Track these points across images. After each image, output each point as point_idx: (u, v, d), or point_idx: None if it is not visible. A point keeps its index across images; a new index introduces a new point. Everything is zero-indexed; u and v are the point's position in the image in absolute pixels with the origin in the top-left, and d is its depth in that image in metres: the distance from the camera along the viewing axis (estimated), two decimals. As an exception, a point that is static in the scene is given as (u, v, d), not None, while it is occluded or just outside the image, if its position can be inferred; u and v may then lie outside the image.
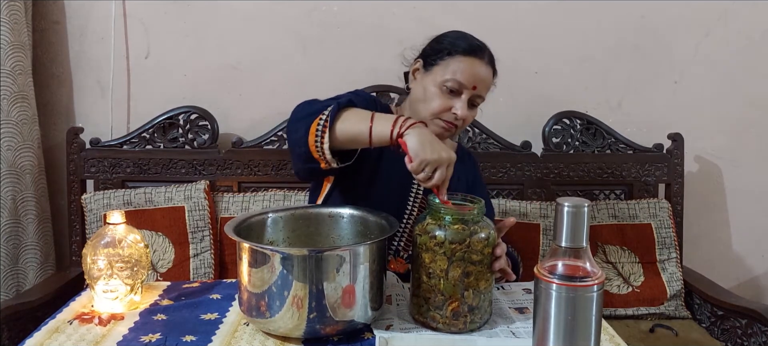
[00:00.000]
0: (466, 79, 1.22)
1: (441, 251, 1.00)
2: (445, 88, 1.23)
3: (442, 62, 1.24)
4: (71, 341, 1.00)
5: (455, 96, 1.24)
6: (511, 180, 1.91)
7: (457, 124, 1.25)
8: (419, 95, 1.28)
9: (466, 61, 1.23)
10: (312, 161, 1.11)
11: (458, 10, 1.94)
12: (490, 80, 1.27)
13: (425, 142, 1.03)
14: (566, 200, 0.82)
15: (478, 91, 1.25)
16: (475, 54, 1.24)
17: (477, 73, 1.23)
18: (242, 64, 1.96)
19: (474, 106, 1.28)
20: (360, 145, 1.11)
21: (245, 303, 1.00)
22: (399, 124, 1.05)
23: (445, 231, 1.00)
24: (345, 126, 1.08)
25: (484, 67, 1.24)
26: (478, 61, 1.24)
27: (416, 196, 1.32)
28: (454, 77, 1.22)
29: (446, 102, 1.24)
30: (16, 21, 1.75)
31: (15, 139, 1.77)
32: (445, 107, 1.24)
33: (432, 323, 1.03)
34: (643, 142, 1.95)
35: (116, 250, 1.11)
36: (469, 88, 1.23)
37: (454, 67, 1.23)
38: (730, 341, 1.68)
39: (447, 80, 1.23)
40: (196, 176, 1.85)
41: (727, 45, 2.01)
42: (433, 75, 1.25)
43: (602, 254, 1.82)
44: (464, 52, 1.23)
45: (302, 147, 1.10)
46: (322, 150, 1.08)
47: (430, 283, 1.02)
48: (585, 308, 0.82)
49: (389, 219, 1.09)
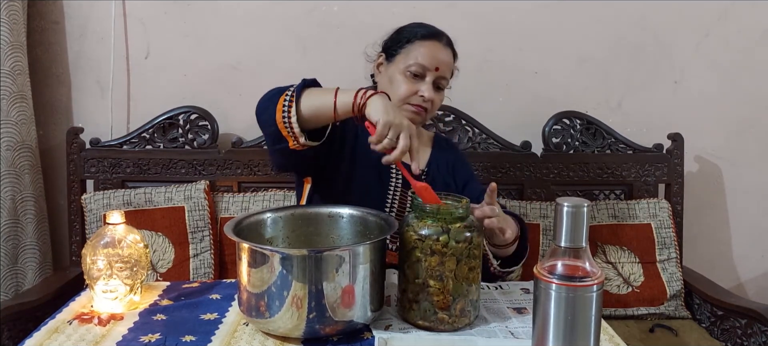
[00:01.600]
0: (428, 62, 1.29)
1: (426, 249, 1.00)
2: (409, 73, 1.30)
3: (403, 50, 1.32)
4: (71, 341, 1.00)
5: (420, 80, 1.31)
6: (511, 180, 1.91)
7: (425, 107, 1.31)
8: (385, 85, 1.34)
9: (425, 45, 1.30)
10: (281, 140, 1.12)
11: (458, 10, 1.94)
12: (451, 62, 1.34)
13: (388, 107, 1.06)
14: (566, 200, 0.82)
15: (441, 72, 1.31)
16: (434, 37, 1.31)
17: (437, 56, 1.30)
18: (242, 64, 1.96)
19: (440, 89, 1.34)
20: (326, 120, 1.13)
21: (245, 303, 1.00)
22: (361, 94, 1.09)
23: (429, 230, 1.00)
24: (310, 100, 1.12)
25: (444, 50, 1.32)
26: (438, 44, 1.31)
27: (395, 192, 1.34)
28: (417, 61, 1.30)
29: (412, 86, 1.30)
30: (15, 21, 1.75)
31: (14, 139, 1.77)
32: (411, 91, 1.30)
33: (420, 323, 1.03)
34: (643, 142, 1.95)
35: (116, 250, 1.11)
36: (432, 70, 1.30)
37: (416, 52, 1.30)
38: (730, 341, 1.68)
39: (410, 65, 1.29)
40: (196, 176, 1.85)
41: (727, 45, 2.01)
42: (396, 64, 1.32)
43: (602, 254, 1.82)
44: (423, 37, 1.31)
45: (271, 126, 1.12)
46: (290, 124, 1.10)
47: (416, 282, 1.02)
48: (584, 308, 0.82)
49: (388, 219, 1.09)
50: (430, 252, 1.00)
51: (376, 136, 1.04)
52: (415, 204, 1.04)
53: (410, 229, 1.03)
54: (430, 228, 1.01)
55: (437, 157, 1.41)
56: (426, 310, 1.02)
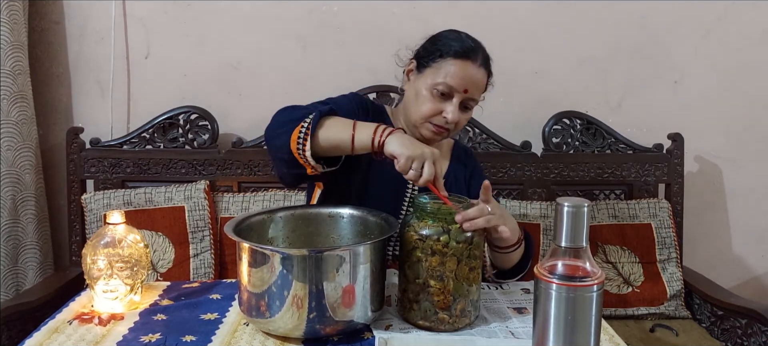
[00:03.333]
0: (456, 83, 1.21)
1: (427, 249, 1.00)
2: (436, 92, 1.22)
3: (434, 64, 1.23)
4: (71, 341, 1.00)
5: (446, 99, 1.23)
6: (511, 180, 1.91)
7: (448, 128, 1.25)
8: (411, 97, 1.28)
9: (457, 64, 1.21)
10: (297, 167, 1.11)
11: (458, 10, 1.94)
12: (482, 82, 1.25)
13: (405, 142, 1.05)
14: (566, 200, 0.82)
15: (470, 94, 1.23)
16: (468, 56, 1.21)
17: (468, 77, 1.21)
18: (242, 64, 1.96)
19: (467, 108, 1.26)
20: (343, 152, 1.12)
21: (245, 303, 1.00)
22: (379, 132, 1.07)
23: (429, 230, 1.01)
24: (327, 134, 1.09)
25: (476, 70, 1.22)
26: (470, 64, 1.21)
27: (411, 198, 1.31)
28: (445, 81, 1.21)
29: (437, 106, 1.23)
30: (15, 21, 1.75)
31: (15, 139, 1.77)
32: (435, 111, 1.23)
33: (420, 323, 1.03)
34: (643, 142, 1.95)
35: (116, 250, 1.11)
36: (461, 92, 1.22)
37: (446, 70, 1.21)
38: (730, 341, 1.68)
39: (438, 84, 1.21)
40: (196, 176, 1.85)
41: (727, 45, 2.01)
42: (425, 77, 1.24)
43: (602, 254, 1.82)
44: (456, 55, 1.21)
45: (285, 154, 1.10)
46: (306, 157, 1.08)
47: (416, 282, 1.02)
48: (585, 308, 0.82)
49: (389, 219, 1.09)
50: (431, 252, 1.00)
51: (400, 168, 1.05)
52: (415, 204, 1.05)
53: (411, 229, 1.03)
54: (430, 228, 1.01)
55: (455, 169, 1.38)
56: (426, 310, 1.02)
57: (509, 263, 1.24)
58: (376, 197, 1.26)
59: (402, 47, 1.33)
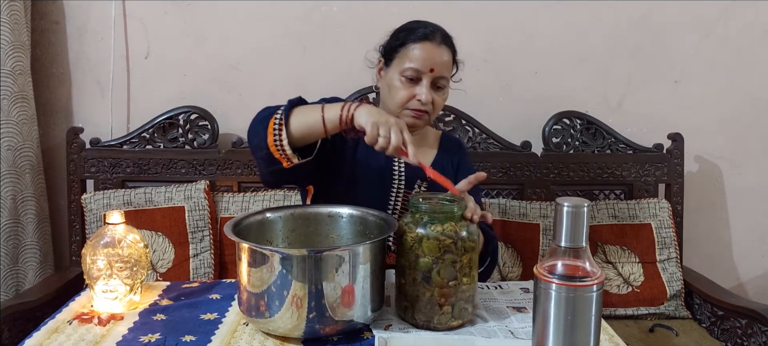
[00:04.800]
0: (421, 65, 1.27)
1: (423, 248, 1.01)
2: (406, 78, 1.28)
3: (399, 54, 1.30)
4: (71, 341, 1.00)
5: (416, 83, 1.28)
6: (511, 180, 1.91)
7: (426, 110, 1.29)
8: (385, 91, 1.33)
9: (419, 47, 1.27)
10: (275, 162, 1.15)
11: (458, 10, 1.94)
12: (447, 60, 1.30)
13: (372, 111, 1.10)
14: (566, 200, 0.82)
15: (438, 72, 1.28)
16: (427, 38, 1.28)
17: (431, 56, 1.27)
18: (242, 64, 1.96)
19: (439, 89, 1.31)
20: (317, 137, 1.16)
21: (245, 303, 1.00)
22: (347, 107, 1.12)
23: (425, 229, 1.01)
24: (299, 119, 1.13)
25: (438, 48, 1.28)
26: (430, 44, 1.27)
27: (397, 194, 1.33)
28: (411, 66, 1.27)
29: (409, 91, 1.28)
30: (16, 21, 1.75)
31: (15, 139, 1.77)
32: (409, 96, 1.29)
33: (418, 321, 1.04)
34: (643, 142, 1.95)
35: (116, 250, 1.11)
36: (427, 72, 1.27)
37: (410, 55, 1.28)
38: (730, 341, 1.68)
39: (405, 70, 1.28)
40: (196, 176, 1.85)
41: (727, 45, 2.01)
42: (393, 69, 1.31)
43: (602, 254, 1.82)
44: (416, 39, 1.28)
45: (264, 149, 1.14)
46: (282, 147, 1.13)
47: (414, 281, 1.03)
48: (584, 308, 0.82)
49: (388, 219, 1.09)
50: (428, 250, 1.00)
51: (368, 138, 1.08)
52: (412, 203, 1.05)
53: (407, 228, 1.03)
54: (427, 227, 1.01)
55: (442, 159, 1.40)
56: (424, 308, 1.02)
57: None
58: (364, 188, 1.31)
59: (369, 49, 1.38)
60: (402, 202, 1.33)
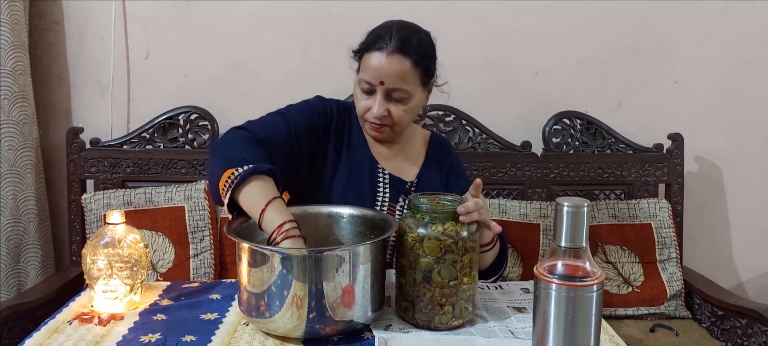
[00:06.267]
0: (371, 77, 1.20)
1: (423, 248, 1.01)
2: (361, 90, 1.23)
3: (361, 62, 1.24)
4: (71, 341, 1.00)
5: (371, 95, 1.23)
6: (511, 180, 1.91)
7: (383, 123, 1.23)
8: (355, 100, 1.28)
9: (369, 57, 1.20)
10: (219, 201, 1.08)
11: (458, 10, 1.94)
12: (400, 70, 1.18)
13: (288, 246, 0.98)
14: (566, 200, 0.82)
15: (390, 84, 1.19)
16: (378, 47, 1.19)
17: (379, 68, 1.18)
18: (242, 64, 1.96)
19: (399, 101, 1.22)
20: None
21: (245, 303, 1.00)
22: (278, 231, 0.99)
23: (426, 229, 1.01)
24: (245, 198, 1.04)
25: (388, 59, 1.17)
26: (379, 53, 1.18)
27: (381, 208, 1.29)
28: (363, 77, 1.22)
29: (366, 103, 1.23)
30: (16, 21, 1.75)
31: (16, 139, 1.77)
32: (365, 108, 1.24)
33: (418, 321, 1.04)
34: (643, 142, 1.95)
35: (116, 250, 1.11)
36: (378, 85, 1.19)
37: (365, 64, 1.21)
38: (730, 341, 1.68)
39: (360, 81, 1.23)
40: (196, 176, 1.85)
41: (727, 45, 2.01)
42: (358, 76, 1.26)
43: (602, 254, 1.82)
44: (368, 48, 1.21)
45: (213, 185, 1.08)
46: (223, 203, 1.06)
47: (413, 281, 1.03)
48: (585, 308, 0.82)
49: (388, 219, 1.09)
50: (429, 250, 1.00)
51: None
52: (411, 203, 1.05)
53: (407, 228, 1.03)
54: (427, 227, 1.01)
55: (431, 162, 1.34)
56: (425, 308, 1.03)
57: (483, 263, 1.23)
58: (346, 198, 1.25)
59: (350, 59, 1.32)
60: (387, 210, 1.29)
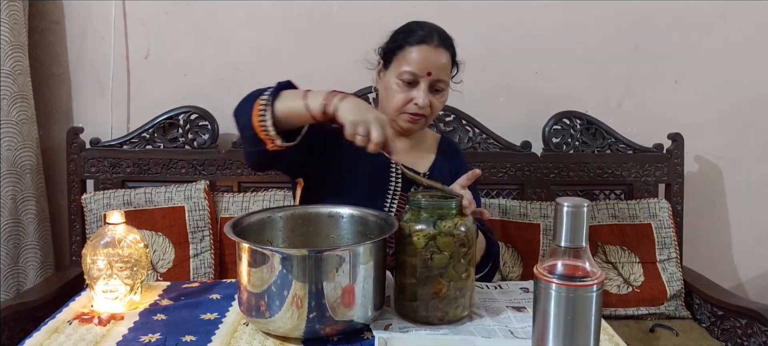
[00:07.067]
0: (418, 69, 1.26)
1: (421, 244, 1.02)
2: (403, 82, 1.28)
3: (396, 57, 1.29)
4: (71, 341, 1.00)
5: (414, 86, 1.28)
6: (511, 180, 1.91)
7: (423, 114, 1.29)
8: (383, 94, 1.33)
9: (416, 50, 1.27)
10: (259, 143, 1.13)
11: (458, 10, 1.94)
12: (445, 63, 1.29)
13: (352, 108, 1.06)
14: (566, 200, 0.82)
15: (435, 75, 1.27)
16: (424, 41, 1.27)
17: (428, 59, 1.26)
18: (243, 64, 1.96)
19: (438, 91, 1.30)
20: (301, 122, 1.13)
21: (245, 303, 1.00)
22: (330, 99, 1.07)
23: (424, 224, 1.02)
24: (285, 103, 1.11)
25: (435, 52, 1.27)
26: (427, 47, 1.27)
27: (393, 197, 1.32)
28: (408, 69, 1.27)
29: (407, 94, 1.28)
30: (15, 21, 1.75)
31: (15, 139, 1.77)
32: (406, 100, 1.28)
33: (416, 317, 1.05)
34: (643, 142, 1.95)
35: (116, 250, 1.11)
36: (424, 76, 1.27)
37: (407, 58, 1.27)
38: (730, 341, 1.68)
39: (402, 73, 1.27)
40: (196, 176, 1.85)
41: (727, 45, 2.01)
42: (391, 71, 1.30)
43: (602, 254, 1.82)
44: (413, 42, 1.28)
45: (249, 130, 1.12)
46: (267, 128, 1.10)
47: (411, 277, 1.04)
48: (584, 308, 0.82)
49: (388, 219, 1.09)
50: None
51: (347, 135, 1.06)
52: (411, 200, 1.05)
53: (405, 224, 1.04)
54: (424, 223, 1.02)
55: (441, 163, 1.40)
56: (422, 304, 1.03)
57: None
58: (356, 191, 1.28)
59: (369, 50, 1.37)
60: (398, 205, 1.32)
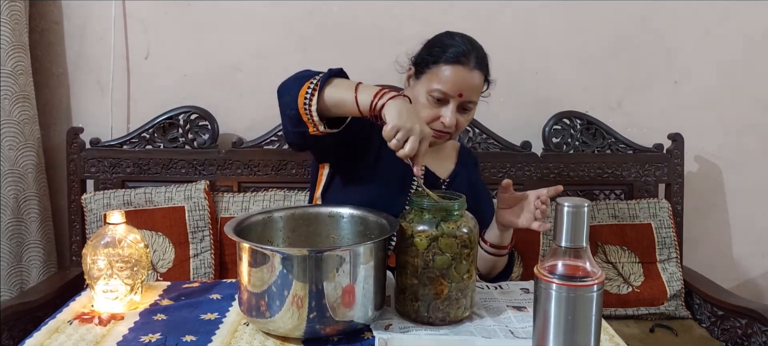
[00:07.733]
0: (450, 89, 1.23)
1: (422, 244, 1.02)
2: (433, 98, 1.24)
3: (429, 71, 1.26)
4: (71, 341, 1.00)
5: (443, 104, 1.25)
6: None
7: (448, 132, 1.27)
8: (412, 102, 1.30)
9: (450, 69, 1.23)
10: (301, 125, 1.12)
11: (458, 10, 1.94)
12: (477, 85, 1.26)
13: (402, 111, 1.04)
14: (566, 200, 0.82)
15: (466, 97, 1.25)
16: (460, 61, 1.23)
17: (462, 81, 1.23)
18: (242, 64, 1.96)
19: (466, 110, 1.28)
20: (347, 113, 1.12)
21: (245, 303, 1.00)
22: (380, 96, 1.06)
23: (427, 225, 1.02)
24: (333, 92, 1.09)
25: (469, 73, 1.24)
26: (462, 68, 1.23)
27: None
28: (439, 87, 1.23)
29: (434, 111, 1.25)
30: (16, 21, 1.75)
31: (17, 139, 1.77)
32: (433, 117, 1.25)
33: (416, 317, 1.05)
34: (643, 142, 1.95)
35: (116, 250, 1.11)
36: (455, 97, 1.24)
37: (440, 76, 1.23)
38: (730, 341, 1.68)
39: (433, 90, 1.24)
40: (196, 176, 1.85)
41: (727, 45, 2.01)
42: (422, 84, 1.27)
43: (602, 254, 1.82)
44: (448, 61, 1.23)
45: (293, 110, 1.11)
46: (311, 112, 1.09)
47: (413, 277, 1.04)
48: (585, 308, 0.82)
49: (389, 219, 1.09)
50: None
51: (385, 135, 1.04)
52: (413, 200, 1.06)
53: (408, 225, 1.04)
54: (427, 224, 1.02)
55: (460, 172, 1.40)
56: (423, 305, 1.03)
57: (495, 269, 1.32)
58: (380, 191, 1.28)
59: (401, 53, 1.35)
60: None
